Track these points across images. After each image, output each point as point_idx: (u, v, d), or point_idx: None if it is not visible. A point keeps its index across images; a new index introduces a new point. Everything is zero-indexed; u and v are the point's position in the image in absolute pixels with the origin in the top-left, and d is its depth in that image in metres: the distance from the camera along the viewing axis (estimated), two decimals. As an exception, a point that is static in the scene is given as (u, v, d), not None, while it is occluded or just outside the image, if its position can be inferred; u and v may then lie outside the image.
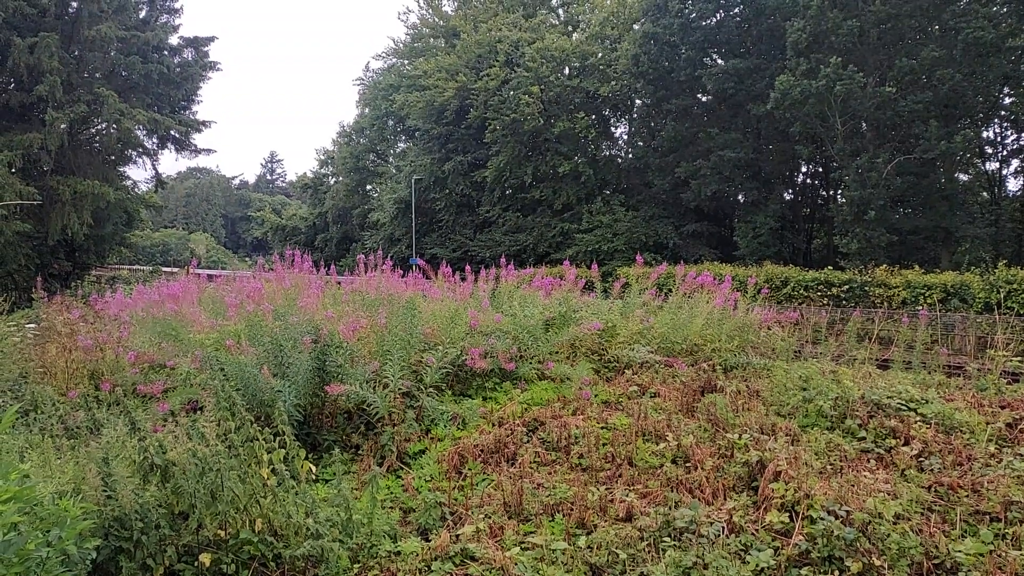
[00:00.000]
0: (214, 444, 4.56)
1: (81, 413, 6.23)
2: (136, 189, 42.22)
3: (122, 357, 8.95)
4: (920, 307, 20.91)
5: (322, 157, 77.13)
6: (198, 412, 6.69)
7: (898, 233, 30.81)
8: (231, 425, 4.72)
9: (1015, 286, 20.15)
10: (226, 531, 4.38)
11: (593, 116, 46.39)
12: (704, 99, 41.15)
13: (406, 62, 59.88)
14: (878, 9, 30.13)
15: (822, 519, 4.58)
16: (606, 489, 5.57)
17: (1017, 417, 7.00)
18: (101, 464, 4.21)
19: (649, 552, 4.58)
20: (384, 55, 65.51)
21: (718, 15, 38.04)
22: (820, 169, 41.26)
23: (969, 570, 4.23)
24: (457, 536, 4.93)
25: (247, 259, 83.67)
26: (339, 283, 11.53)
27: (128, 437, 4.59)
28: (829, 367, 8.93)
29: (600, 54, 44.32)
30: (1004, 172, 36.41)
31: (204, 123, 41.66)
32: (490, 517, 5.21)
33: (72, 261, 38.42)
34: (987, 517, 4.92)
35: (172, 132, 38.54)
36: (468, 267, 12.54)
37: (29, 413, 6.82)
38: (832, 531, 4.43)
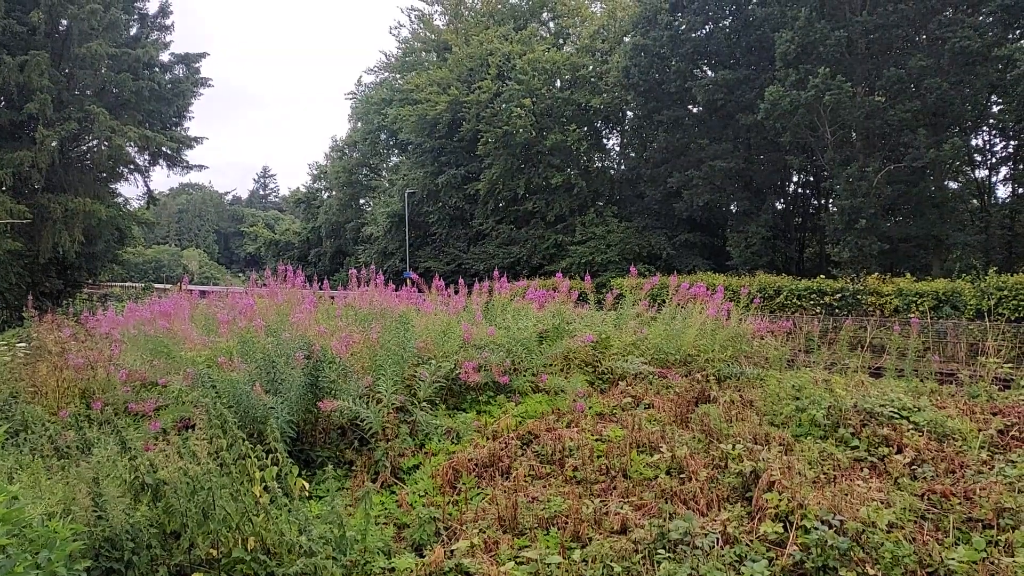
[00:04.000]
0: (206, 462, 4.54)
1: (72, 433, 6.19)
2: (128, 206, 42.06)
3: (113, 375, 8.90)
4: (912, 315, 20.97)
5: (315, 172, 77.42)
6: (190, 430, 6.67)
7: (889, 241, 30.95)
8: (223, 443, 4.70)
9: (1006, 292, 20.23)
10: (218, 550, 4.36)
11: (585, 128, 46.58)
12: (695, 110, 41.38)
13: (398, 76, 60.06)
14: (865, 19, 30.39)
15: (816, 529, 4.58)
16: (601, 502, 5.56)
17: (1009, 424, 7.02)
18: (91, 484, 4.19)
19: (644, 564, 4.57)
20: (376, 69, 65.82)
21: (707, 27, 38.34)
22: (811, 178, 41.48)
23: (963, 578, 4.23)
24: (452, 551, 4.91)
25: (240, 275, 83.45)
26: (332, 298, 11.52)
27: (119, 456, 4.57)
28: (822, 376, 8.93)
29: (591, 66, 44.59)
30: (993, 179, 36.70)
31: (196, 139, 41.60)
32: (485, 532, 5.19)
33: (63, 279, 38.17)
34: (980, 524, 4.93)
35: (163, 148, 38.45)
36: (461, 280, 12.54)
37: (19, 433, 6.78)
38: (826, 541, 4.43)
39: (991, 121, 34.61)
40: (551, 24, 53.06)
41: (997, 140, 36.06)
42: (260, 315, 8.86)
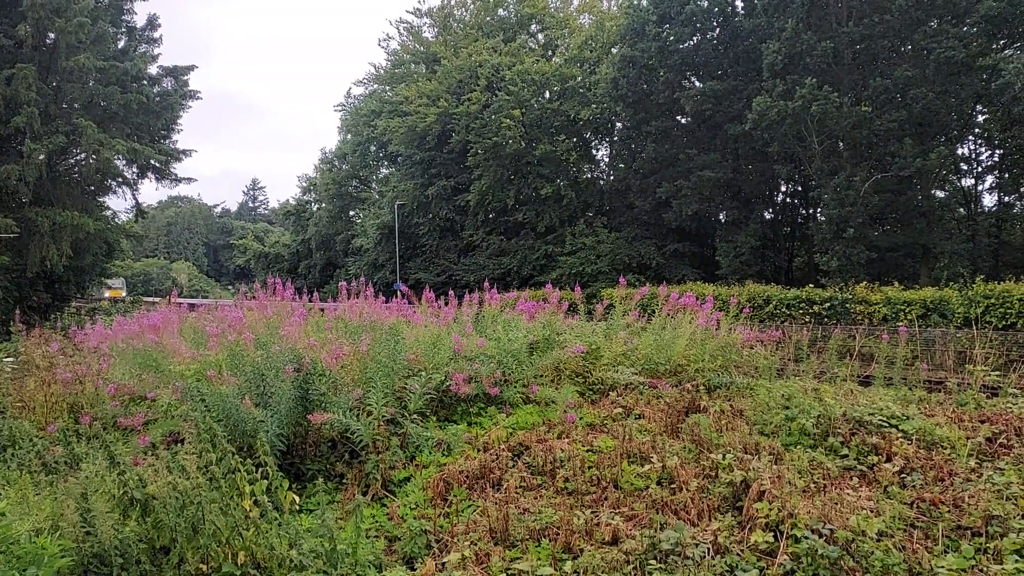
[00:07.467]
0: (195, 477, 4.52)
1: (60, 448, 6.15)
2: (116, 219, 41.90)
3: (102, 390, 8.85)
4: (900, 323, 21.10)
5: (304, 184, 77.21)
6: (179, 444, 6.64)
7: (877, 250, 31.13)
8: (212, 457, 4.68)
9: (993, 300, 20.37)
10: (208, 565, 4.33)
11: (574, 139, 46.72)
12: (683, 121, 41.55)
13: (387, 88, 60.08)
14: (851, 30, 30.67)
15: (806, 538, 4.60)
16: (592, 512, 5.56)
17: (997, 431, 7.06)
18: (80, 499, 4.16)
19: (635, 575, 4.57)
20: (365, 81, 65.85)
21: (695, 38, 38.52)
22: (799, 188, 41.69)
23: (952, 586, 4.25)
24: (443, 564, 4.90)
25: (230, 287, 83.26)
26: (322, 310, 11.50)
27: (108, 471, 4.54)
28: (811, 385, 8.98)
29: (579, 77, 44.74)
30: (979, 188, 36.98)
31: (184, 152, 41.53)
32: (476, 544, 5.18)
33: (51, 293, 37.99)
34: (969, 532, 4.95)
35: (152, 161, 38.33)
36: (452, 292, 12.55)
37: (6, 449, 6.73)
38: (816, 550, 4.45)
39: (976, 130, 34.93)
40: (540, 36, 53.26)
41: (983, 149, 36.38)
42: (249, 328, 8.84)
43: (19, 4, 31.35)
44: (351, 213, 68.39)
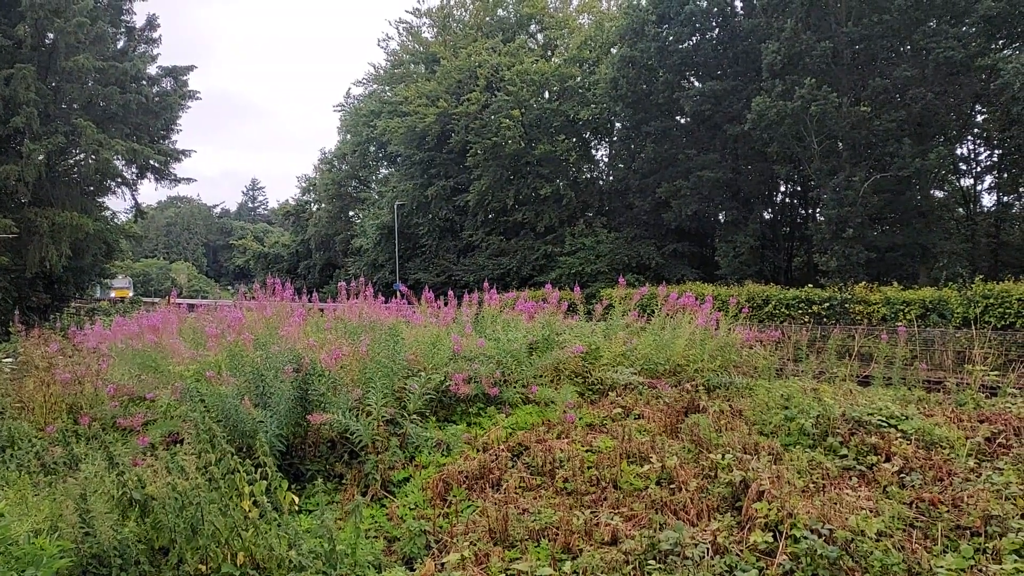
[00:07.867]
0: (194, 477, 4.52)
1: (59, 448, 6.15)
2: (115, 219, 41.95)
3: (101, 390, 8.85)
4: (899, 323, 21.09)
5: (304, 184, 77.24)
6: (178, 445, 6.63)
7: (876, 250, 31.14)
8: (212, 457, 4.67)
9: (992, 300, 20.38)
10: (207, 565, 4.33)
11: (574, 139, 46.72)
12: (682, 121, 41.54)
13: (387, 88, 60.09)
14: (850, 30, 30.68)
15: (805, 538, 4.60)
16: (591, 513, 5.56)
17: (996, 431, 7.06)
18: (79, 500, 4.16)
19: (635, 575, 4.57)
20: (364, 81, 65.88)
21: (694, 39, 38.53)
22: (798, 188, 41.69)
23: (951, 586, 4.25)
24: (442, 564, 4.90)
25: (229, 288, 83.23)
26: (321, 310, 11.49)
27: (107, 472, 4.54)
28: (810, 385, 8.97)
29: (579, 77, 44.75)
30: (978, 188, 37.00)
31: (183, 152, 41.54)
32: (475, 544, 5.18)
33: (51, 293, 38.01)
34: (968, 532, 4.95)
35: (151, 162, 38.37)
36: (451, 292, 12.53)
37: (5, 449, 6.73)
38: (815, 550, 4.45)
39: (975, 130, 34.97)
40: (539, 36, 53.26)
41: (982, 149, 36.41)
42: (249, 328, 8.83)
43: (18, 4, 31.36)
44: (351, 213, 68.40)
